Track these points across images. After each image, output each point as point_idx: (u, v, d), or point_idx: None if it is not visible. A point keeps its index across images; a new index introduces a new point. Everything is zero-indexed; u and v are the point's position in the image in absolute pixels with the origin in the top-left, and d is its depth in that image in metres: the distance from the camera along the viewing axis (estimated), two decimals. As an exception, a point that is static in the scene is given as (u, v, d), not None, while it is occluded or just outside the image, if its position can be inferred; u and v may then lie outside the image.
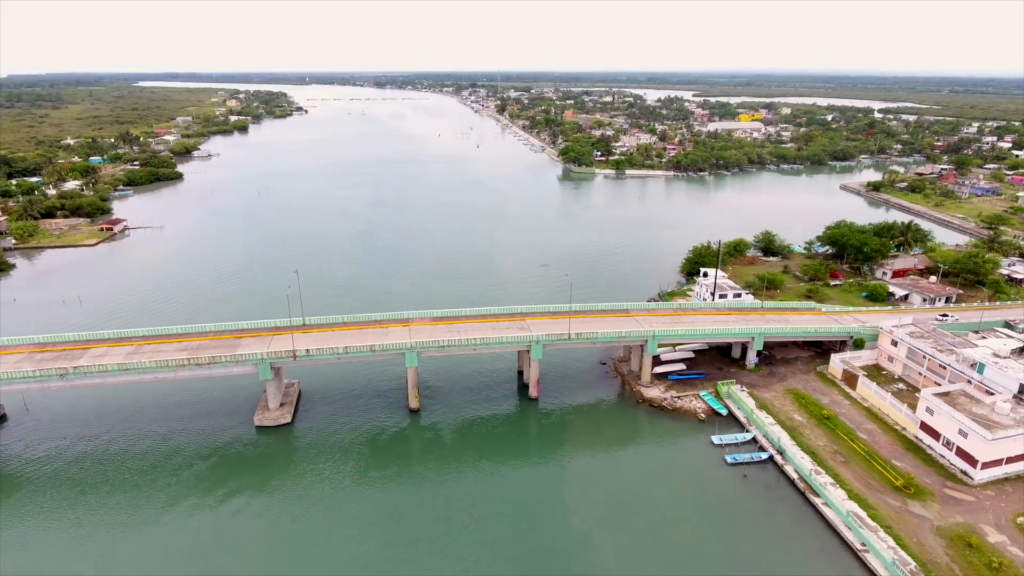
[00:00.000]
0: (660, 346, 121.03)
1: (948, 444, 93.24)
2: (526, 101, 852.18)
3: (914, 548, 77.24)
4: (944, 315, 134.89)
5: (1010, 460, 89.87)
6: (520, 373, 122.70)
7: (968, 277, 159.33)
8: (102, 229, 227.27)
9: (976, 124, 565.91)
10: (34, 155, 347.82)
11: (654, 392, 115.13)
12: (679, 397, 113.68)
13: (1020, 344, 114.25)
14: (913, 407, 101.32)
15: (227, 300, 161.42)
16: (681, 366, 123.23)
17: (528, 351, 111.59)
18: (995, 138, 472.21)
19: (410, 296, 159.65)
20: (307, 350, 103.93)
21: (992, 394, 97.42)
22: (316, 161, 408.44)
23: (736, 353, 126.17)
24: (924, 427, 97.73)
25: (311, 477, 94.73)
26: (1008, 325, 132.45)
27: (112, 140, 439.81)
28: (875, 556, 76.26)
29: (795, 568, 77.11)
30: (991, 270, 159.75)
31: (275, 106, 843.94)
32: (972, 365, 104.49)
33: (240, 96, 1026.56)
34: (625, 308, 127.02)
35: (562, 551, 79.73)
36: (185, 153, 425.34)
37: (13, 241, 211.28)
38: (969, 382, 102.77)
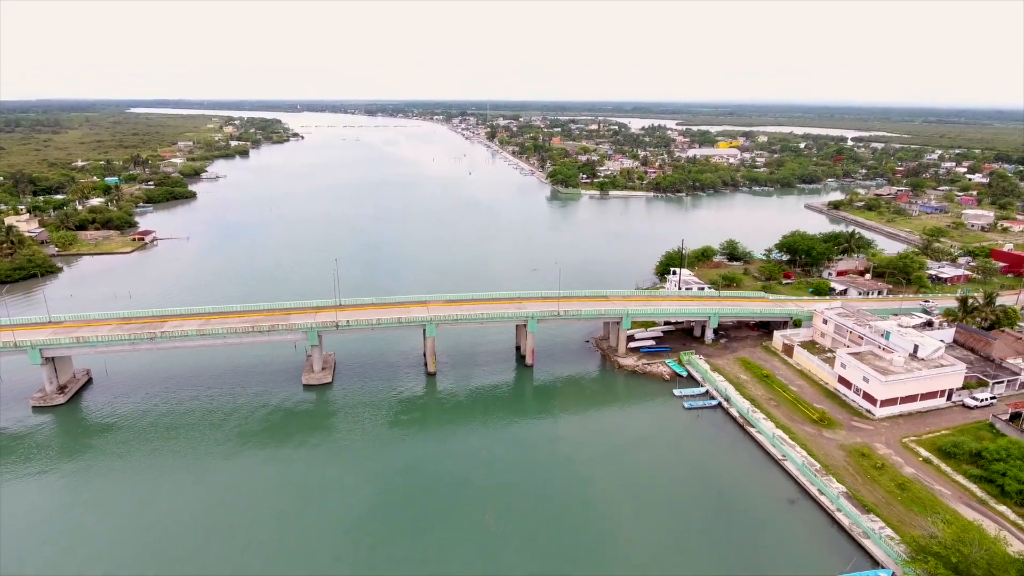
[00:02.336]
0: (633, 325, 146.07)
1: (857, 391, 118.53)
2: (515, 129, 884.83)
3: (821, 456, 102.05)
4: (927, 299, 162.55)
5: (903, 400, 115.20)
6: (517, 348, 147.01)
7: (899, 275, 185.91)
8: (134, 239, 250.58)
9: (939, 151, 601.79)
10: (57, 175, 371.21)
11: (629, 361, 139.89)
12: (649, 364, 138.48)
13: (924, 320, 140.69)
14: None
15: (261, 294, 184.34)
16: (651, 342, 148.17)
17: (525, 325, 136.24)
18: (953, 164, 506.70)
19: (418, 292, 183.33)
20: (347, 320, 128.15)
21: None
22: (318, 183, 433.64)
23: (697, 332, 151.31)
24: (840, 380, 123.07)
25: (351, 424, 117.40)
26: (925, 311, 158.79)
27: (121, 162, 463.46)
28: (790, 462, 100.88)
29: (732, 474, 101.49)
30: (917, 269, 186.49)
31: (272, 132, 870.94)
32: (882, 334, 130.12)
33: (236, 122, 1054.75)
34: (605, 294, 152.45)
35: (555, 472, 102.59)
36: (194, 175, 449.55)
37: (56, 249, 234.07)
38: (879, 347, 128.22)
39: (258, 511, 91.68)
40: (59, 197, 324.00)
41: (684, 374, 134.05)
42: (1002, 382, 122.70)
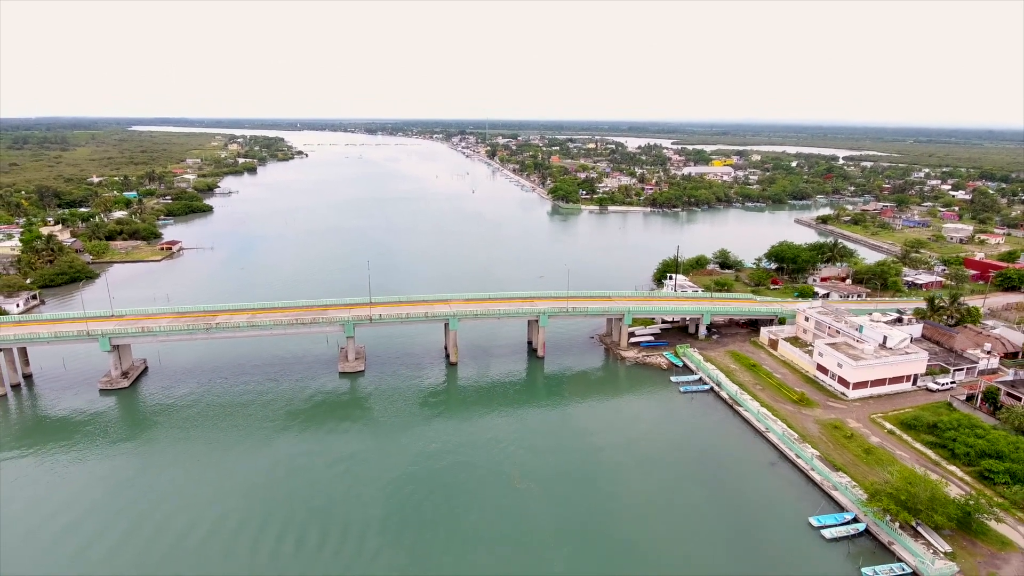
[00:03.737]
0: (634, 322, 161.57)
1: (832, 376, 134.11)
2: (514, 147, 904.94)
3: (798, 428, 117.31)
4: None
5: (873, 384, 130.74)
6: (529, 343, 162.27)
7: (876, 281, 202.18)
8: (162, 248, 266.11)
9: (926, 170, 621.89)
10: (81, 190, 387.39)
11: (630, 353, 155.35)
12: (648, 356, 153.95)
13: (895, 317, 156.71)
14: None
15: (289, 296, 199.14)
16: (650, 338, 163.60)
17: (537, 321, 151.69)
18: (939, 182, 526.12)
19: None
20: (379, 314, 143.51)
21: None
22: (327, 197, 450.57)
23: (692, 330, 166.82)
24: (819, 367, 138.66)
25: (386, 405, 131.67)
26: (899, 311, 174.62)
27: (135, 178, 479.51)
28: (772, 433, 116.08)
29: (722, 442, 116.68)
30: (894, 275, 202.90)
31: (276, 150, 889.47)
32: (856, 328, 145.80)
33: (239, 140, 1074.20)
34: (608, 294, 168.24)
35: (568, 445, 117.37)
36: (207, 190, 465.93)
37: (91, 257, 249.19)
38: (854, 339, 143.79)
39: (307, 480, 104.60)
40: (83, 210, 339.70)
41: (680, 364, 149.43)
42: (962, 369, 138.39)
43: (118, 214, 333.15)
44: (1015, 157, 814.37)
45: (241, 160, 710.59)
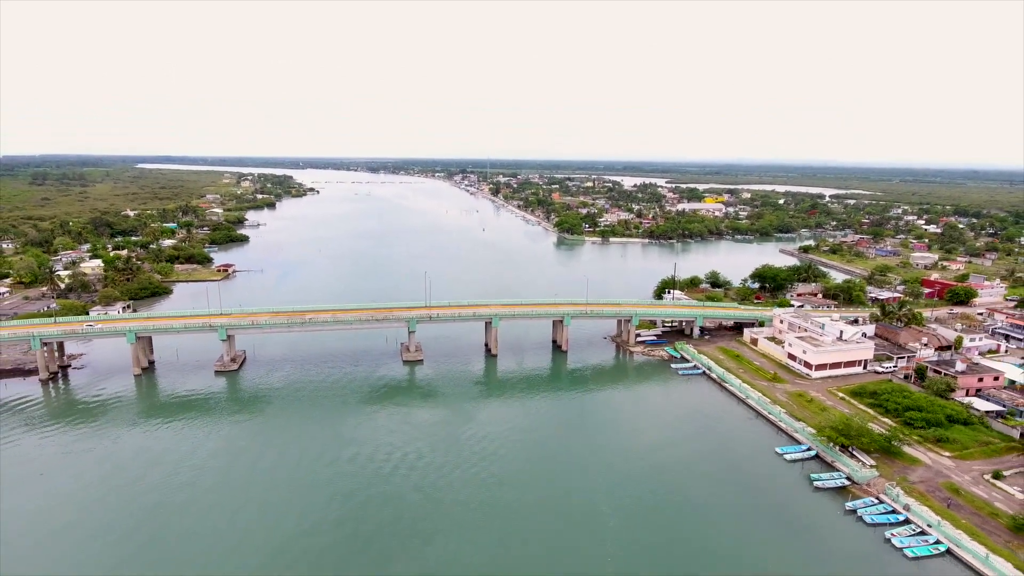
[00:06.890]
0: (639, 324, 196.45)
1: (799, 361, 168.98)
2: (515, 185, 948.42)
3: (771, 396, 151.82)
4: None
5: (831, 367, 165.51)
6: (554, 341, 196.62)
7: (843, 296, 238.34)
8: (219, 270, 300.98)
9: (905, 207, 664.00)
10: (128, 221, 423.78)
11: (637, 349, 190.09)
12: (652, 351, 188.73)
13: (851, 319, 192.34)
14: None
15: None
16: (653, 338, 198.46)
17: (562, 321, 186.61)
18: (915, 217, 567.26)
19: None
20: (437, 313, 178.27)
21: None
22: (347, 229, 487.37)
23: (687, 331, 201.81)
24: (789, 355, 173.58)
25: (441, 385, 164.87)
26: (858, 316, 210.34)
27: (169, 210, 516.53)
28: (751, 399, 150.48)
29: (711, 408, 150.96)
30: (858, 291, 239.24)
31: (289, 187, 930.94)
32: (820, 326, 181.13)
33: (249, 178, 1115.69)
34: (618, 302, 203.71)
35: (592, 415, 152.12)
36: (237, 222, 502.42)
37: (160, 277, 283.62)
38: (818, 335, 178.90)
39: (406, 441, 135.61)
40: (135, 238, 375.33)
41: (677, 356, 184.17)
42: (903, 358, 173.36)
43: (167, 242, 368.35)
44: (992, 195, 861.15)
45: (260, 196, 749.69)
